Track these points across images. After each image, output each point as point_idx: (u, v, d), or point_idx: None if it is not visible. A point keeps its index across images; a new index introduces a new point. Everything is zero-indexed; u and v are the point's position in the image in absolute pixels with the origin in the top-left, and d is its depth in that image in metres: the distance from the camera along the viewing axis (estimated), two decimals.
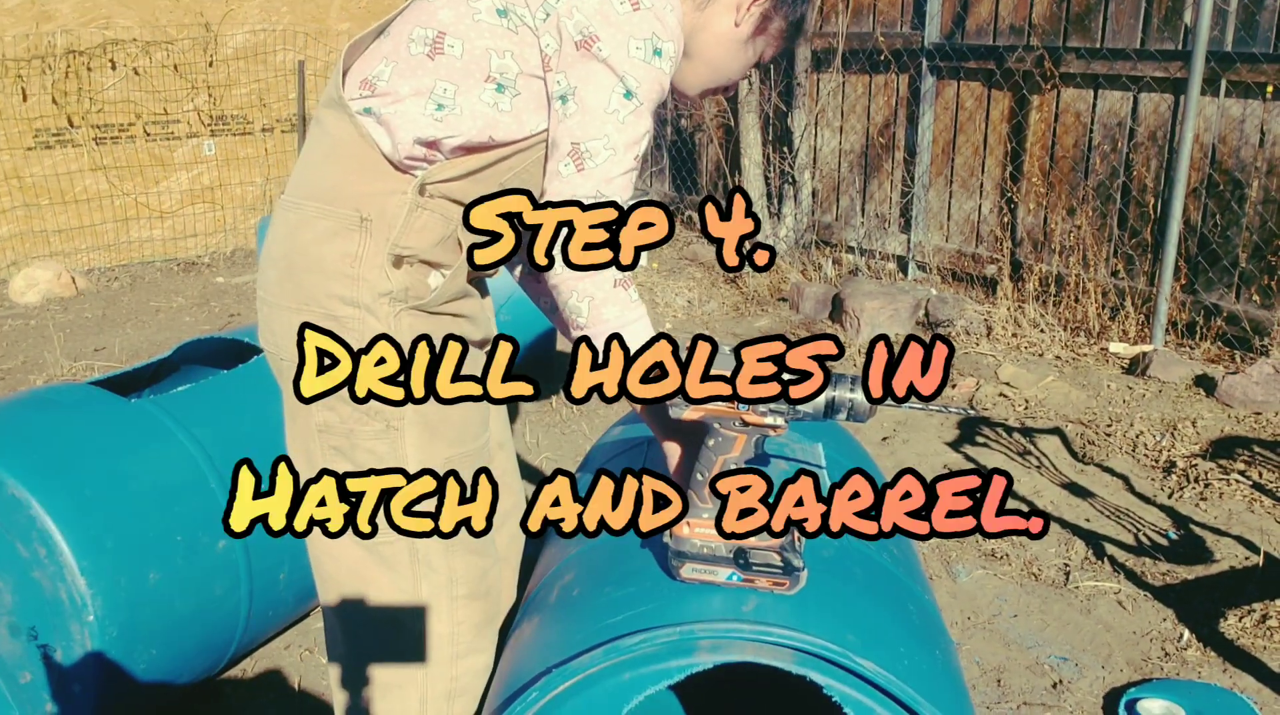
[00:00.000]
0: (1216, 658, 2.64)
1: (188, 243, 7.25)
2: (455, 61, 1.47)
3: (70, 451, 2.20)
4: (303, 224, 1.54)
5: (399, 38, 1.51)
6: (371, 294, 1.51)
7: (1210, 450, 3.78)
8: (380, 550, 1.59)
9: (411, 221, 1.51)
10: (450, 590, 1.63)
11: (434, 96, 1.48)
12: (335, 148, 1.53)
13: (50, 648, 2.10)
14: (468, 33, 1.47)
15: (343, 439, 1.56)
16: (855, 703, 1.19)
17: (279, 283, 1.56)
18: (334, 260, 1.51)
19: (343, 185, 1.51)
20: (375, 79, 1.51)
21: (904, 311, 5.25)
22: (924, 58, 5.85)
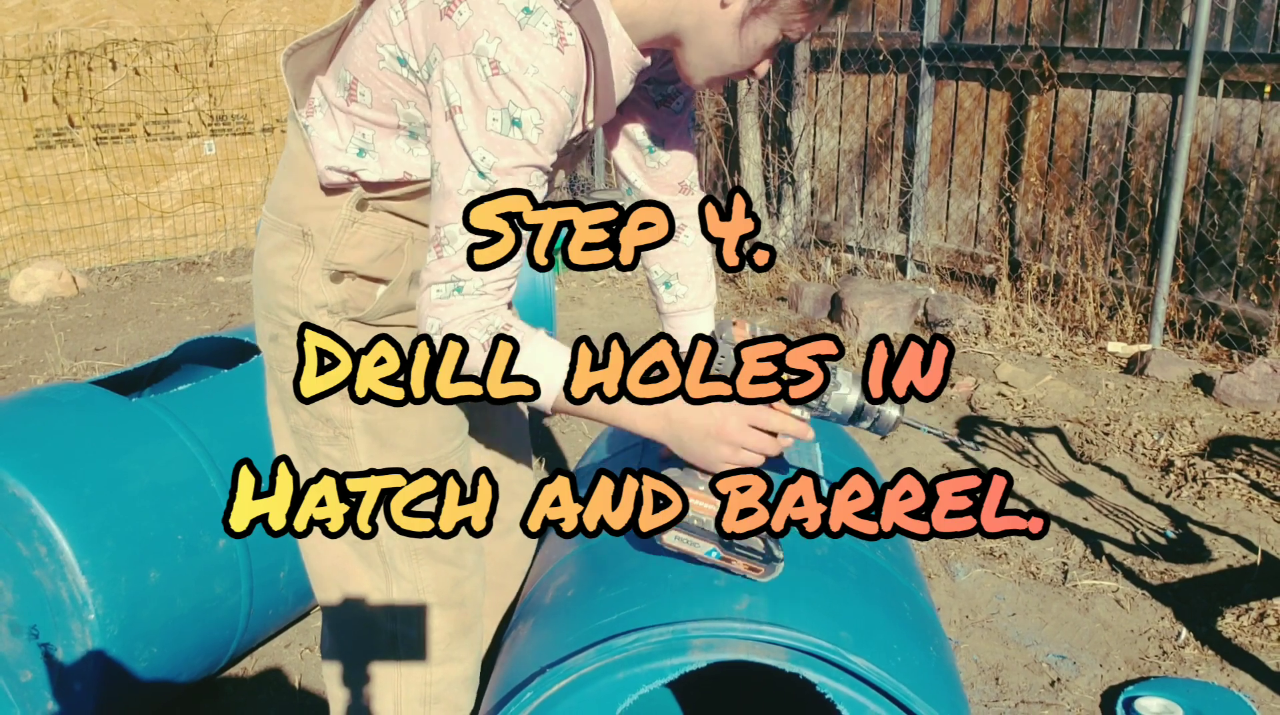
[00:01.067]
0: (1214, 656, 2.65)
1: (188, 242, 7.26)
2: (367, 109, 1.44)
3: (71, 450, 2.21)
4: (264, 235, 1.59)
5: (335, 69, 1.48)
6: (309, 306, 1.53)
7: (1208, 449, 3.78)
8: (359, 547, 1.61)
9: (346, 238, 1.50)
10: (419, 596, 1.64)
11: (354, 140, 1.47)
12: (289, 160, 1.55)
13: (51, 646, 2.11)
14: (373, 81, 1.42)
15: (306, 441, 1.60)
16: (849, 700, 1.20)
17: (254, 290, 1.63)
18: (281, 272, 1.54)
19: (292, 198, 1.54)
20: (318, 106, 1.50)
21: (903, 311, 5.26)
22: (922, 58, 5.85)
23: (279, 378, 1.60)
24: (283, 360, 1.58)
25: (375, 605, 1.62)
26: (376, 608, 1.62)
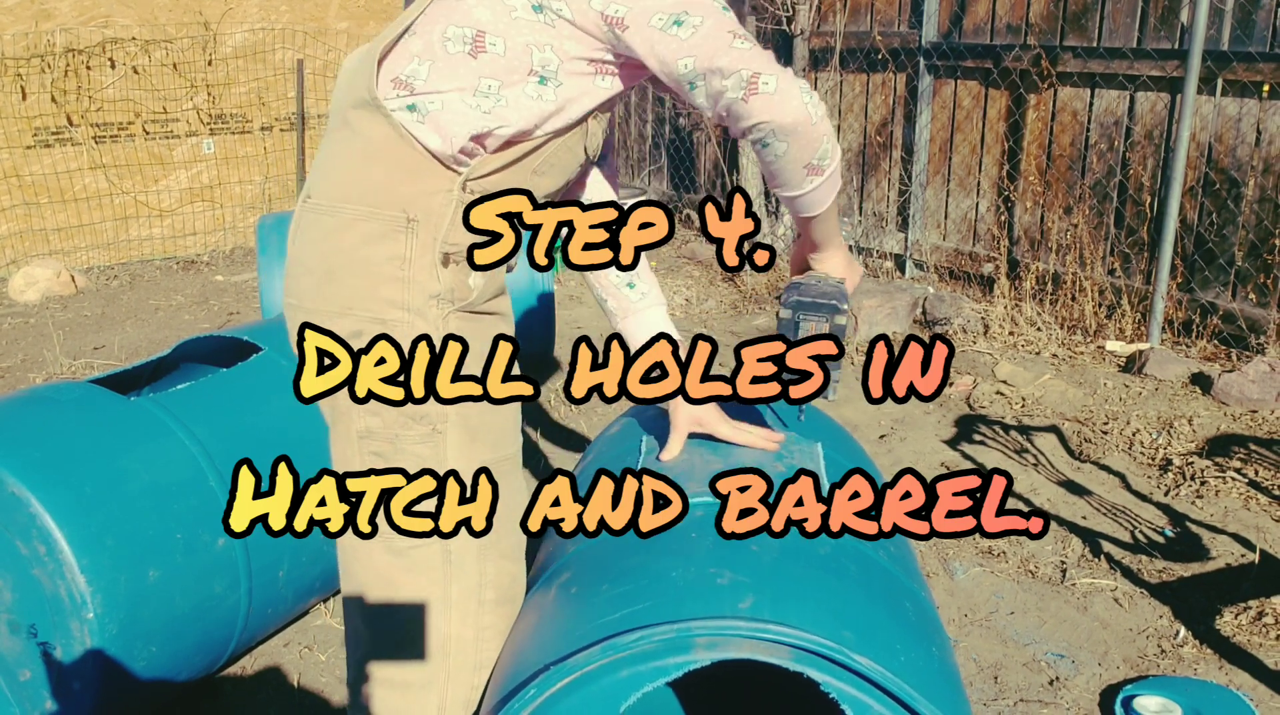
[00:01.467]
0: (1212, 655, 2.65)
1: (187, 241, 7.26)
2: (499, 59, 1.48)
3: (70, 449, 2.20)
4: (343, 227, 1.51)
5: (429, 37, 1.50)
6: (422, 297, 1.50)
7: (1206, 448, 3.79)
8: (410, 555, 1.57)
9: (458, 218, 1.50)
10: (479, 594, 1.61)
11: (479, 93, 1.48)
12: (373, 150, 1.51)
13: (50, 645, 2.11)
14: (507, 30, 1.47)
15: (386, 444, 1.54)
16: (852, 699, 1.20)
17: (317, 289, 1.53)
18: (381, 263, 1.49)
19: (386, 187, 1.50)
20: (410, 78, 1.50)
21: (901, 310, 5.26)
22: (921, 57, 5.86)
23: None
24: None
25: (429, 610, 1.59)
26: (430, 612, 1.59)
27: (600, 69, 1.54)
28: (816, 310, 1.62)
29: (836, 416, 4.19)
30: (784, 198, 1.53)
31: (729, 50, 1.41)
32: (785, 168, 1.47)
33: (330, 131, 1.60)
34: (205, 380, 2.59)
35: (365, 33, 7.68)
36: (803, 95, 1.42)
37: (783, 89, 1.40)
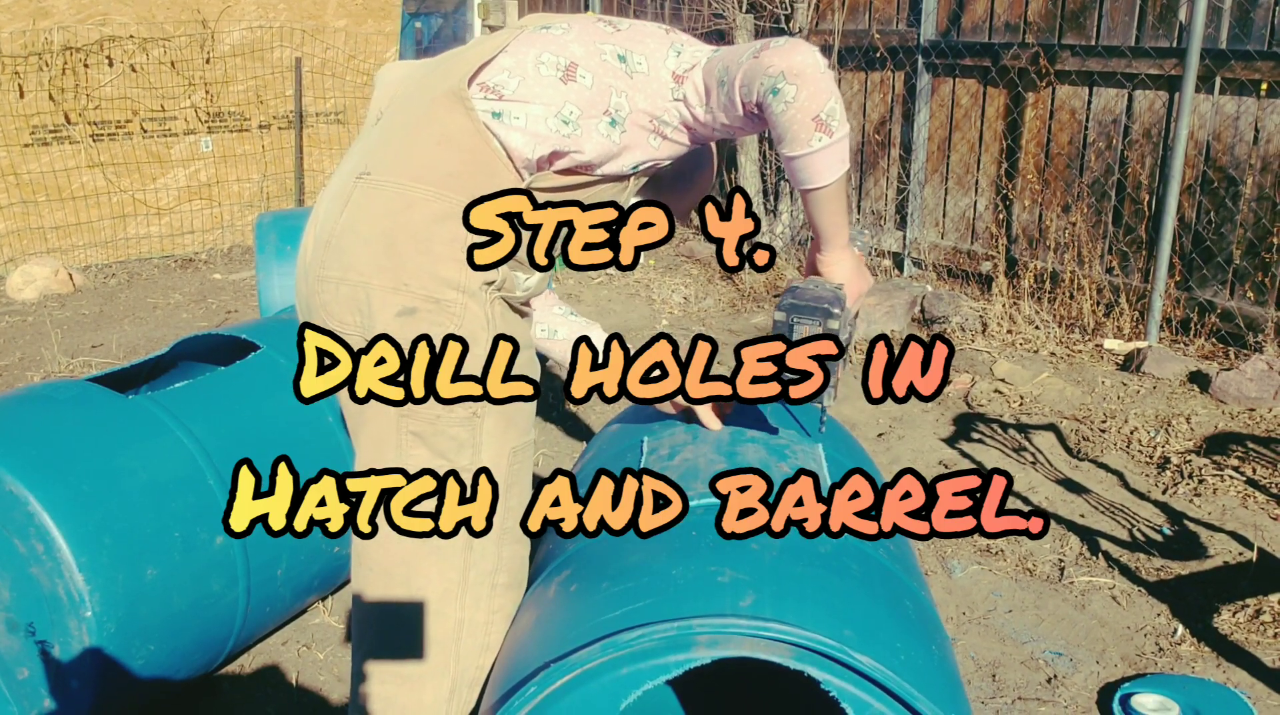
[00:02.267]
0: (1210, 652, 2.65)
1: (185, 239, 7.25)
2: (585, 90, 1.57)
3: (68, 448, 2.20)
4: (410, 205, 1.54)
5: (522, 58, 1.58)
6: (478, 280, 1.55)
7: (1204, 446, 3.79)
8: (436, 539, 1.58)
9: None
10: (493, 578, 1.65)
11: (561, 115, 1.56)
12: (451, 138, 1.56)
13: (48, 644, 2.11)
14: (596, 69, 1.58)
15: (426, 425, 1.57)
16: (852, 698, 1.20)
17: (373, 260, 1.55)
18: (445, 243, 1.53)
19: (459, 174, 1.55)
20: (499, 86, 1.57)
21: (900, 308, 5.27)
22: (920, 55, 5.85)
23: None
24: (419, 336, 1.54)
25: (446, 594, 1.61)
26: (447, 596, 1.61)
27: (657, 128, 1.64)
28: (810, 314, 1.63)
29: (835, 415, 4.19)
30: (791, 160, 1.56)
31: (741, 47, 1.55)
32: (795, 118, 1.50)
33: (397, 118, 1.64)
34: (203, 378, 2.59)
35: (363, 30, 7.67)
36: (812, 50, 1.51)
37: (791, 43, 1.51)
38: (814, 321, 1.63)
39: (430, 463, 1.56)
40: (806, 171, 1.56)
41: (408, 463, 1.56)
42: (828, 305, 1.63)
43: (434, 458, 1.57)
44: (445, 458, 1.57)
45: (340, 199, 1.60)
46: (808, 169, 1.55)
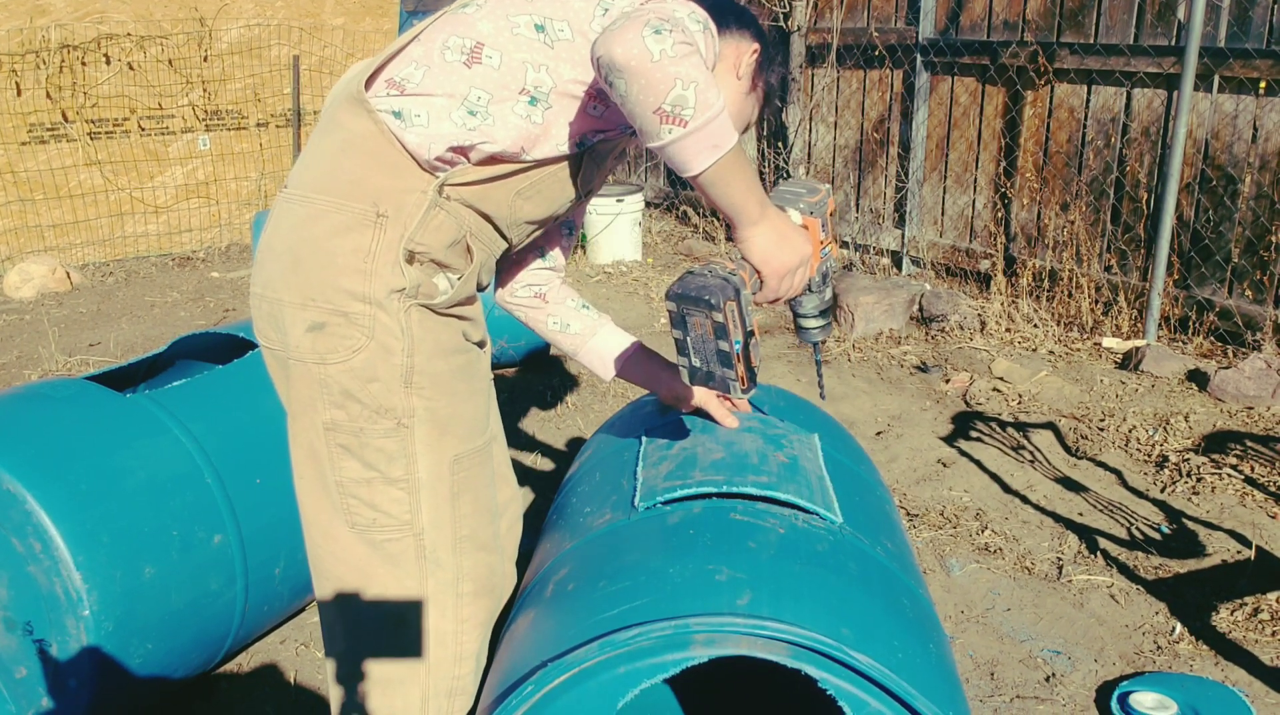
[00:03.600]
0: (1208, 651, 2.65)
1: (182, 238, 7.24)
2: (492, 72, 1.49)
3: (65, 446, 2.20)
4: (313, 218, 1.51)
5: (430, 44, 1.52)
6: (384, 289, 1.49)
7: (1202, 445, 3.79)
8: (387, 547, 1.57)
9: (428, 219, 1.51)
10: (456, 587, 1.62)
11: (466, 103, 1.49)
12: (353, 143, 1.51)
13: (46, 642, 2.11)
14: (506, 45, 1.49)
15: (351, 437, 1.54)
16: (850, 696, 1.20)
17: (283, 277, 1.53)
18: (346, 255, 1.49)
19: (361, 181, 1.50)
20: (404, 80, 1.51)
21: (898, 306, 5.26)
22: (918, 53, 5.85)
23: (314, 371, 1.52)
24: (328, 351, 1.51)
25: (407, 602, 1.59)
26: (408, 605, 1.59)
27: (594, 97, 1.54)
28: (697, 304, 1.47)
29: (833, 414, 4.19)
30: (656, 149, 1.40)
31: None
32: (635, 113, 1.36)
33: (316, 128, 1.61)
34: (201, 377, 2.58)
35: (360, 28, 7.67)
36: (645, 31, 1.30)
37: (622, 27, 1.32)
38: (701, 312, 1.48)
39: (362, 474, 1.54)
40: (673, 161, 1.40)
41: (342, 475, 1.55)
42: (709, 295, 1.46)
43: (365, 470, 1.54)
44: (376, 470, 1.54)
45: (270, 214, 1.60)
46: (673, 160, 1.40)
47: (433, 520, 1.58)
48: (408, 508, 1.56)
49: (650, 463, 1.75)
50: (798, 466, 1.70)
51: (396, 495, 1.55)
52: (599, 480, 1.83)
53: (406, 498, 1.55)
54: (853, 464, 1.92)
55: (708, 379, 1.52)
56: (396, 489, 1.55)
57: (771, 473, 1.65)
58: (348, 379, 1.51)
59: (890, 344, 5.06)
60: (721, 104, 1.37)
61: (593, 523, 1.65)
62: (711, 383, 1.52)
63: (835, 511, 1.60)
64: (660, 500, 1.60)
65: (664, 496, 1.59)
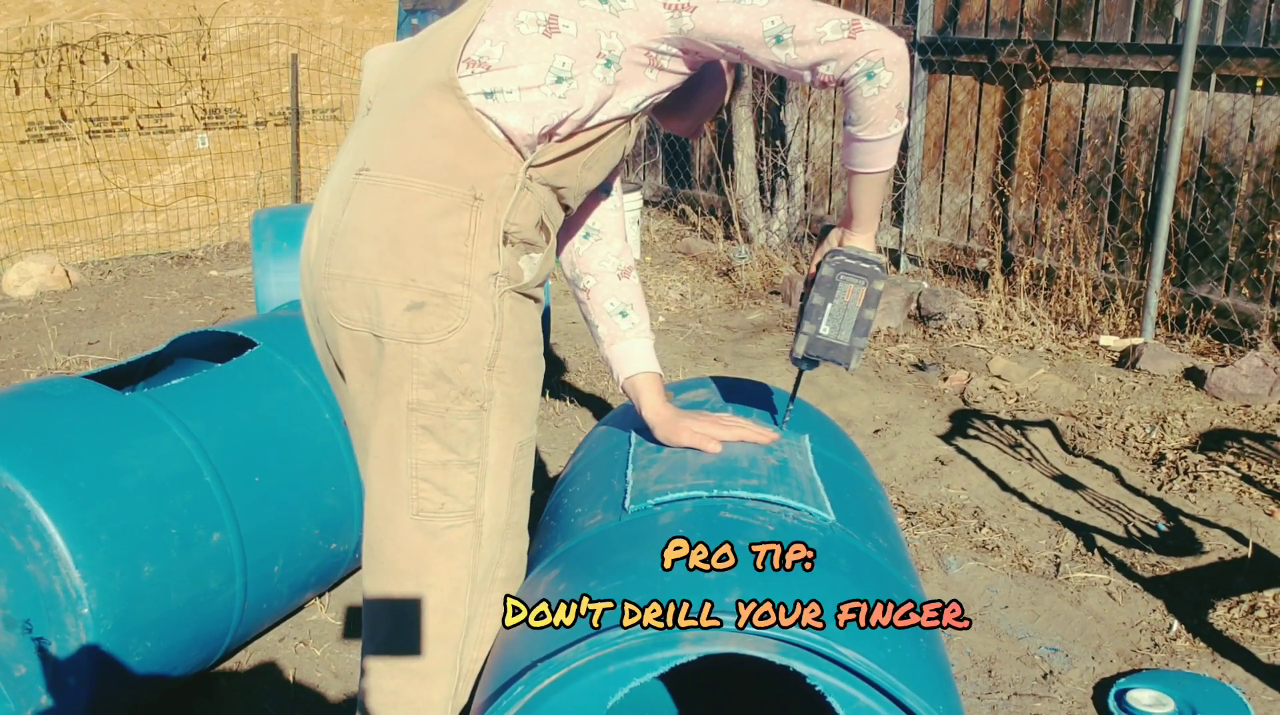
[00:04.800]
0: (1205, 648, 2.66)
1: (181, 236, 7.25)
2: (571, 39, 1.56)
3: (64, 445, 2.20)
4: (410, 200, 1.54)
5: (500, 23, 1.57)
6: (483, 273, 1.55)
7: (1199, 443, 3.80)
8: (445, 536, 1.59)
9: (520, 200, 1.57)
10: (493, 572, 1.65)
11: (553, 69, 1.55)
12: (444, 129, 1.55)
13: (45, 641, 2.11)
14: (578, 15, 1.56)
15: (436, 418, 1.56)
16: (839, 692, 1.20)
17: (379, 258, 1.55)
18: (446, 237, 1.53)
19: (457, 165, 1.55)
20: (484, 57, 1.56)
21: (896, 305, 5.27)
22: (916, 51, 5.85)
23: (409, 351, 1.54)
24: (425, 330, 1.53)
25: (456, 591, 1.61)
26: (457, 593, 1.61)
27: (654, 61, 1.63)
28: (857, 273, 1.64)
29: (831, 412, 4.20)
30: (865, 143, 1.61)
31: (815, 6, 1.54)
32: (884, 103, 1.55)
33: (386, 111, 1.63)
34: (200, 375, 2.59)
35: (359, 27, 7.67)
36: (901, 40, 1.55)
37: (885, 30, 1.54)
38: (860, 280, 1.65)
39: (440, 456, 1.57)
40: (875, 153, 1.62)
41: (418, 457, 1.57)
42: (876, 266, 1.65)
43: (444, 452, 1.57)
44: (454, 452, 1.57)
45: (342, 195, 1.60)
46: (878, 152, 1.62)
47: (493, 505, 1.62)
48: (474, 491, 1.59)
49: (640, 466, 1.75)
50: (788, 469, 1.71)
51: (468, 479, 1.59)
52: (590, 481, 1.84)
53: (475, 482, 1.59)
54: (844, 461, 1.93)
55: (826, 351, 1.67)
56: (469, 472, 1.59)
57: (762, 476, 1.65)
58: (441, 358, 1.54)
59: (888, 342, 5.06)
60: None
61: (584, 524, 1.66)
62: (829, 355, 1.67)
63: (827, 510, 1.60)
64: (651, 502, 1.60)
65: (655, 499, 1.60)
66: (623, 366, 1.87)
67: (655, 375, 1.87)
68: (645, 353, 1.89)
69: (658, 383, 1.86)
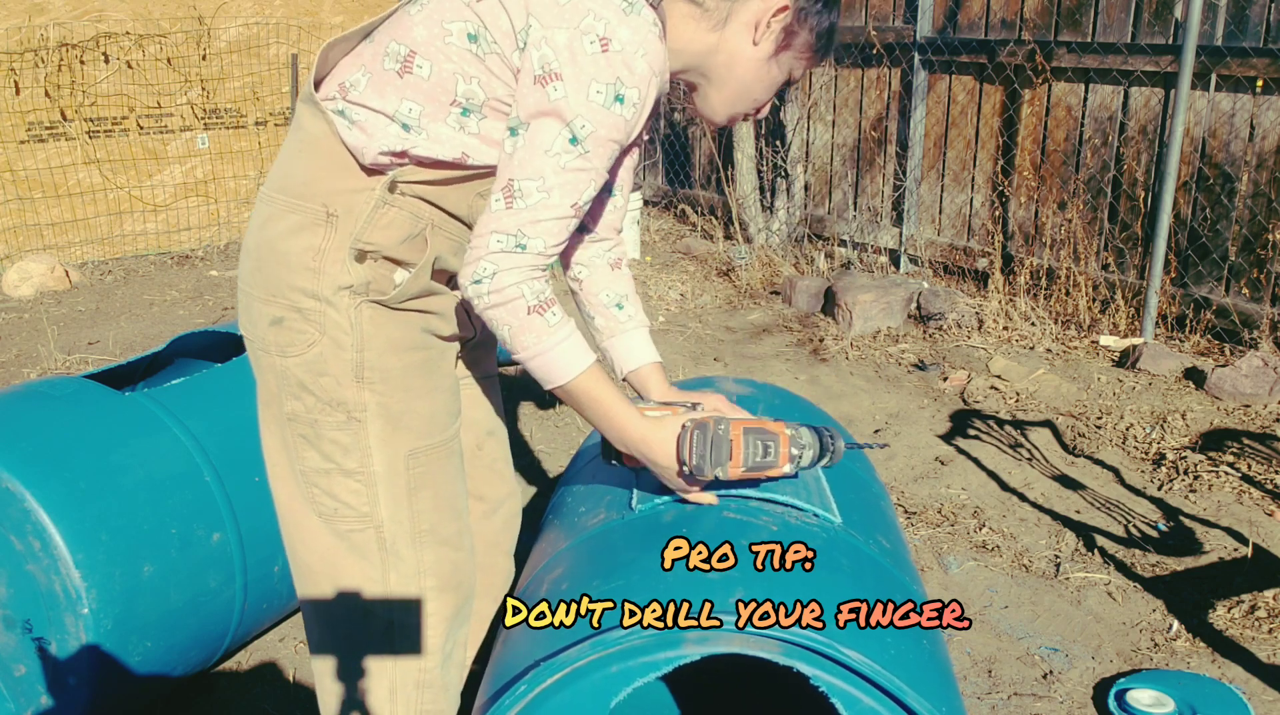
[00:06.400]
0: (1205, 648, 2.66)
1: (181, 236, 7.24)
2: (422, 83, 1.47)
3: (64, 445, 2.20)
4: (273, 217, 1.55)
5: (378, 47, 1.51)
6: (331, 287, 1.52)
7: (1199, 442, 3.80)
8: (351, 538, 1.60)
9: (376, 218, 1.52)
10: (419, 581, 1.64)
11: (398, 116, 1.48)
12: (308, 143, 1.54)
13: (45, 641, 2.11)
14: (437, 55, 1.46)
15: (308, 428, 1.57)
16: (842, 693, 1.20)
17: (252, 273, 1.58)
18: (298, 254, 1.52)
19: (313, 181, 1.52)
20: (350, 86, 1.52)
21: (896, 305, 5.27)
22: (916, 52, 5.85)
23: (277, 363, 1.56)
24: (287, 344, 1.55)
25: (370, 594, 1.62)
26: (372, 597, 1.62)
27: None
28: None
29: (832, 412, 4.20)
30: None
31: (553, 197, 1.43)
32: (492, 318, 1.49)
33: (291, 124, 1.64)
34: (199, 375, 2.59)
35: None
36: (469, 278, 1.45)
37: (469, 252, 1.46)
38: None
39: (321, 465, 1.58)
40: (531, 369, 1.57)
41: (305, 464, 1.59)
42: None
43: (324, 461, 1.57)
44: (333, 461, 1.57)
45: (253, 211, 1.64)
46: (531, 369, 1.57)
47: (391, 513, 1.60)
48: (365, 500, 1.59)
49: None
50: None
51: (354, 487, 1.58)
52: (595, 480, 1.84)
53: (364, 490, 1.58)
54: (848, 461, 1.93)
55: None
56: (353, 481, 1.58)
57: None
58: (302, 372, 1.54)
59: (888, 342, 5.06)
60: (538, 348, 1.47)
61: (588, 522, 1.66)
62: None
63: (833, 512, 1.60)
64: (656, 502, 1.60)
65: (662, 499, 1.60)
66: (626, 359, 1.85)
67: (658, 365, 1.86)
68: (646, 344, 1.87)
69: (661, 372, 1.86)
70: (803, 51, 1.59)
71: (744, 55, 1.56)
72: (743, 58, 1.57)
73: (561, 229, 1.45)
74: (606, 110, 1.40)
